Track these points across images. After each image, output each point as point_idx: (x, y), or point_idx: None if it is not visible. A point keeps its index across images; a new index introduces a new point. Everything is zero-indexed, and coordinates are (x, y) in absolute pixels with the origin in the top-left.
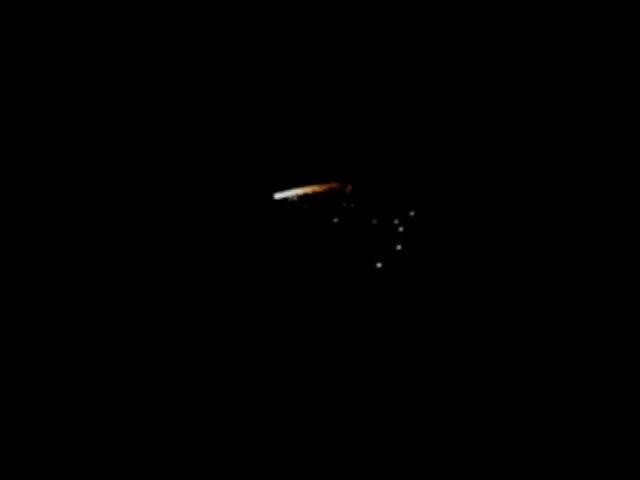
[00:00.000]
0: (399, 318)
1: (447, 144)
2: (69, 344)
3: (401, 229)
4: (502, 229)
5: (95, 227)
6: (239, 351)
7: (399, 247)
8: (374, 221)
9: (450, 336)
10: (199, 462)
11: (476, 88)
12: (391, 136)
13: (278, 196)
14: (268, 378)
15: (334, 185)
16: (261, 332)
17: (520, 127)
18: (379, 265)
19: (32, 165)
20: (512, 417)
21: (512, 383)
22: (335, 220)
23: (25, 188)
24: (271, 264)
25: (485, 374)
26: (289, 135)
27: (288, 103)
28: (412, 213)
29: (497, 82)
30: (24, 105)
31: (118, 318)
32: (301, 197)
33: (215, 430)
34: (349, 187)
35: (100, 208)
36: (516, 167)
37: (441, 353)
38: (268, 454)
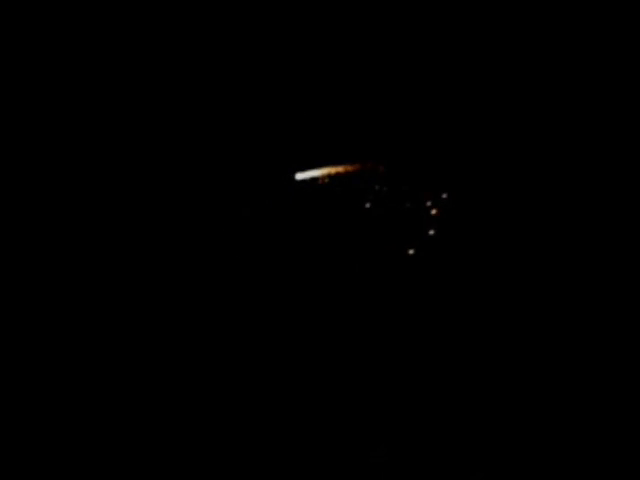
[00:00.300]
0: (410, 317)
1: (482, 127)
2: (69, 343)
3: (434, 212)
4: (538, 212)
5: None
6: (251, 338)
7: (432, 232)
8: (407, 204)
9: (465, 333)
10: (199, 462)
11: (509, 75)
12: (426, 117)
13: (306, 175)
14: (270, 375)
15: (366, 165)
16: (272, 324)
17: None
18: (411, 252)
19: (32, 165)
20: (512, 417)
21: (512, 383)
22: (366, 202)
23: (25, 188)
24: (296, 249)
25: (486, 373)
26: (320, 111)
27: (322, 81)
28: (445, 195)
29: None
30: (25, 105)
31: (126, 310)
32: (332, 177)
33: (215, 429)
34: (381, 168)
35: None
36: (553, 149)
37: (452, 351)
38: (268, 454)
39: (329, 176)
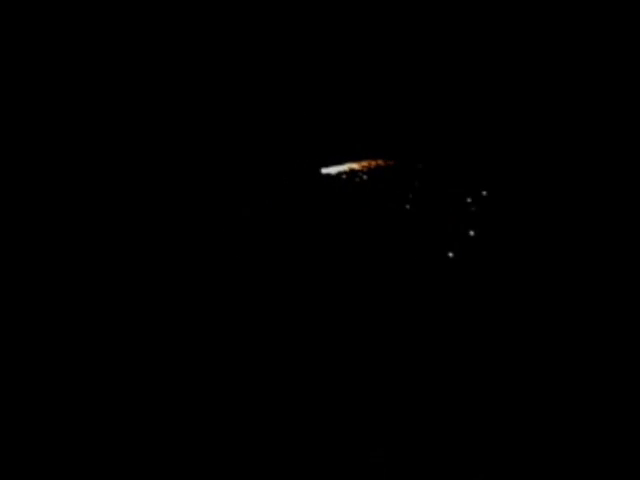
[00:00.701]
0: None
1: (524, 125)
2: (69, 341)
3: (473, 209)
4: (587, 210)
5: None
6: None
7: (472, 233)
8: (446, 201)
9: (475, 336)
10: (199, 462)
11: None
12: (465, 113)
13: (341, 168)
14: (271, 374)
15: (405, 160)
16: (286, 322)
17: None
18: (451, 255)
19: (32, 165)
20: (512, 417)
21: (513, 383)
22: (404, 199)
23: (25, 188)
24: (331, 247)
25: (486, 374)
26: (360, 105)
27: (360, 74)
28: (485, 193)
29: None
30: (25, 106)
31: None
32: (369, 171)
33: (215, 429)
34: (420, 163)
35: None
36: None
37: (460, 353)
38: (268, 454)
39: (365, 170)
